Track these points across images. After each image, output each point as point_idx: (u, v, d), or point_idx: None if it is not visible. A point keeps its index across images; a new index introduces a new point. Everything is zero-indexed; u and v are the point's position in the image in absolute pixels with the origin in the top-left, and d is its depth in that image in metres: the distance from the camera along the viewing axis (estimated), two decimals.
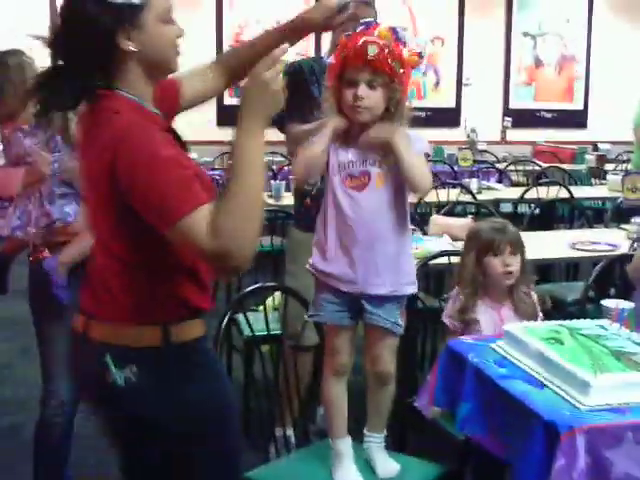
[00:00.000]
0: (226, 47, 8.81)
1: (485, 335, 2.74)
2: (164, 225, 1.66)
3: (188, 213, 1.62)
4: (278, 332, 2.98)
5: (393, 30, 2.29)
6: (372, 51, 2.24)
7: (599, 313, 2.69)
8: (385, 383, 2.50)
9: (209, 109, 8.33)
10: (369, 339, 2.49)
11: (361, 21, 2.36)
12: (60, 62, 1.80)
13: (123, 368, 1.78)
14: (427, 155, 2.49)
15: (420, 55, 2.33)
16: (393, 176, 2.35)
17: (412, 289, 2.46)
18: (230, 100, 9.45)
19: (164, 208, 1.64)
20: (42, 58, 2.92)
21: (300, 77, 3.31)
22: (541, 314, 2.92)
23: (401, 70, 2.29)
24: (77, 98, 1.82)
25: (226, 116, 8.89)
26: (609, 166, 8.73)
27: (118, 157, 1.68)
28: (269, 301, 3.82)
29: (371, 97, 2.30)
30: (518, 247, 2.90)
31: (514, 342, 2.38)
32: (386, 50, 2.25)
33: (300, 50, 9.74)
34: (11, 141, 2.95)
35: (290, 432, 2.88)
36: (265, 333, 2.79)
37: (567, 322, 2.49)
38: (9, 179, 2.93)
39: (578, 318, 2.58)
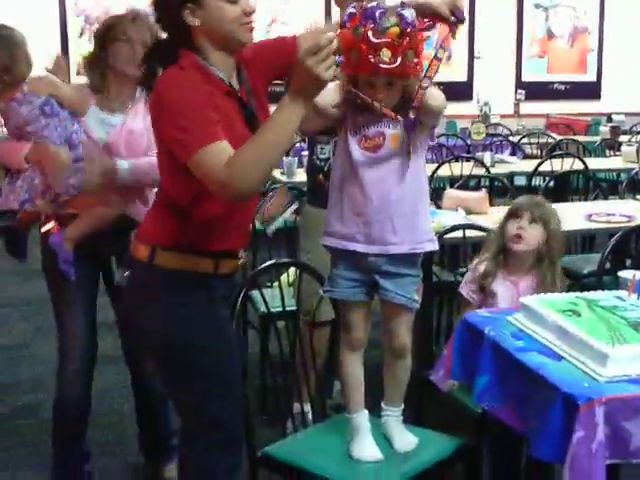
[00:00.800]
0: None
1: (502, 308, 2.74)
2: (185, 155, 1.99)
3: (206, 145, 1.96)
4: (293, 308, 2.97)
5: (401, 17, 2.15)
6: (385, 56, 2.13)
7: (616, 284, 2.68)
8: (401, 356, 2.49)
9: None
10: (385, 314, 2.47)
11: (362, 8, 2.15)
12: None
13: (119, 269, 2.40)
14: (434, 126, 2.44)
15: (428, 28, 2.24)
16: (408, 136, 2.33)
17: (431, 246, 2.44)
18: None
19: (185, 140, 1.98)
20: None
21: None
22: None
23: (415, 59, 2.21)
24: (166, 63, 2.14)
25: None
26: (623, 137, 8.67)
27: (156, 98, 2.09)
28: (283, 277, 3.82)
29: (391, 94, 2.26)
30: (540, 219, 2.90)
31: (531, 314, 2.36)
32: (399, 50, 2.13)
33: (309, 26, 9.71)
34: (7, 112, 2.94)
35: (307, 408, 2.88)
36: (280, 309, 2.78)
37: (584, 294, 2.46)
38: (11, 152, 2.94)
39: (595, 290, 2.56)
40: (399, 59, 2.14)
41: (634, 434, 1.92)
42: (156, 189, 2.53)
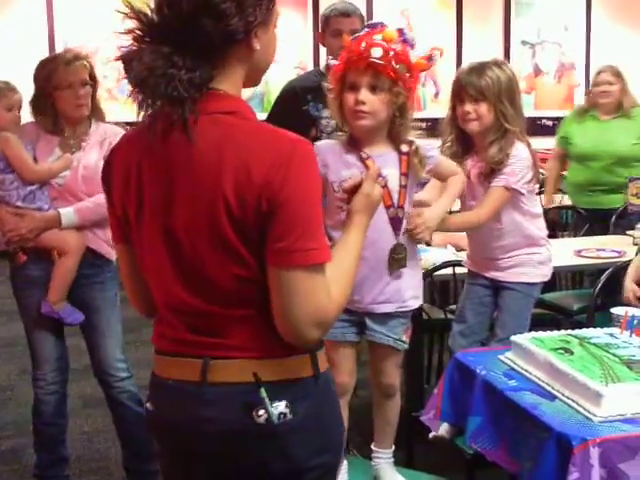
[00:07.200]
0: None
1: (492, 347, 2.70)
2: (294, 261, 1.50)
3: (319, 264, 1.53)
4: None
5: (400, 32, 2.22)
6: (376, 53, 2.17)
7: (607, 321, 2.64)
8: (390, 396, 2.44)
9: None
10: (372, 354, 2.43)
11: (367, 23, 2.30)
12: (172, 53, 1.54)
13: (276, 403, 1.56)
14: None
15: (430, 58, 2.26)
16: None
17: (416, 302, 2.41)
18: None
19: (303, 246, 1.51)
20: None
21: (290, 98, 3.39)
22: None
23: (407, 74, 2.23)
24: (187, 92, 1.53)
25: None
26: None
27: (282, 176, 1.49)
28: None
29: (373, 101, 2.24)
30: (480, 94, 2.78)
31: (522, 353, 2.32)
32: (391, 53, 2.19)
33: (299, 64, 9.75)
34: None
35: None
36: None
37: (576, 331, 2.43)
38: None
39: (586, 326, 2.52)
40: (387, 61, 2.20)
41: (631, 476, 1.87)
42: None
